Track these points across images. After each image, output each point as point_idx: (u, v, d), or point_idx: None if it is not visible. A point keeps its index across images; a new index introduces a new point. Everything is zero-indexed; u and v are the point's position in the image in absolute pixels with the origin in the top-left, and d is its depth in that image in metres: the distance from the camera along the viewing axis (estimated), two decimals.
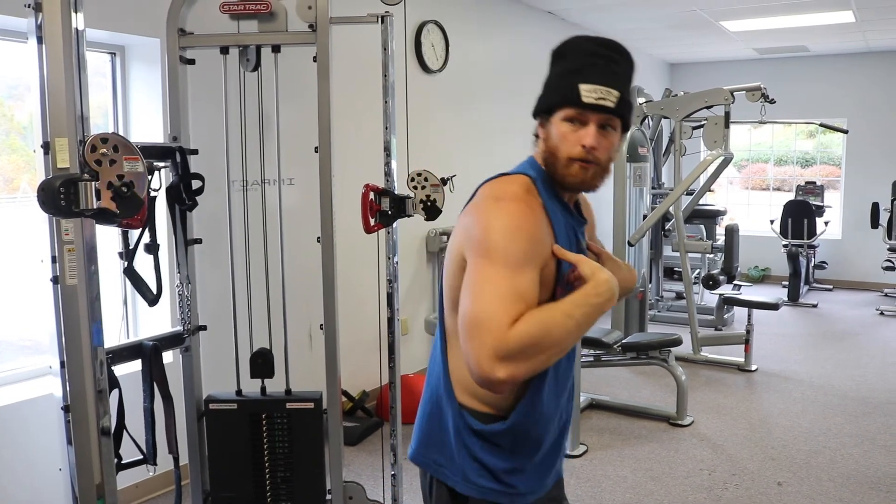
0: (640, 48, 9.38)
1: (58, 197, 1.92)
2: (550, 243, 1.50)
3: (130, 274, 2.57)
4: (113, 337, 2.61)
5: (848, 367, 6.07)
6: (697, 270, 7.92)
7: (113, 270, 3.00)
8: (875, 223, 8.44)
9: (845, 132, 8.83)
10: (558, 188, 1.58)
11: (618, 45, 1.57)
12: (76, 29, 2.13)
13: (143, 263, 2.62)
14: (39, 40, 2.15)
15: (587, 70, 1.50)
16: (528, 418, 1.57)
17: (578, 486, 3.84)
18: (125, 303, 3.71)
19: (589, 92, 1.48)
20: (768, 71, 9.70)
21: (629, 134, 1.69)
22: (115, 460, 2.39)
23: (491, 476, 1.58)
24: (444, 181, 2.95)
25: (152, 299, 2.68)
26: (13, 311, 3.67)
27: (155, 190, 2.59)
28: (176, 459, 2.76)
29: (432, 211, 2.94)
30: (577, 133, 1.50)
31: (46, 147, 2.12)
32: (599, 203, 7.73)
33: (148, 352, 2.66)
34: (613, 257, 1.76)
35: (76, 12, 2.12)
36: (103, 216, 2.02)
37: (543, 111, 1.56)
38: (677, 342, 4.87)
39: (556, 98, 1.53)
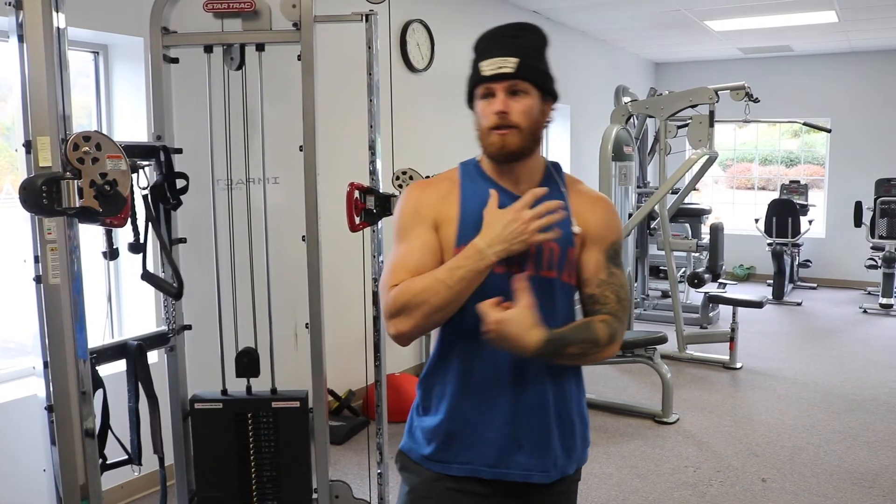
0: (625, 47, 9.43)
1: (40, 196, 1.91)
2: (445, 210, 1.65)
3: (149, 278, 2.57)
4: (97, 337, 2.59)
5: (831, 364, 6.11)
6: (683, 269, 7.96)
7: (96, 270, 2.99)
8: (858, 222, 8.52)
9: (828, 131, 8.91)
10: (494, 164, 1.68)
11: (523, 24, 1.66)
12: (57, 28, 2.11)
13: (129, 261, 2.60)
14: (20, 39, 2.13)
15: (488, 50, 1.62)
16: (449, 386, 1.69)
17: None
18: (109, 302, 3.69)
19: (487, 65, 1.59)
20: (753, 70, 9.77)
21: (556, 102, 1.60)
22: (100, 461, 2.38)
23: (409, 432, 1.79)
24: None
25: (176, 293, 2.69)
26: None
27: (143, 188, 2.58)
28: (161, 459, 2.75)
29: None
30: (489, 105, 1.59)
31: (28, 146, 2.10)
32: None
33: (133, 351, 2.65)
34: (524, 309, 1.52)
35: (57, 11, 2.11)
36: (86, 215, 2.01)
37: (468, 102, 1.68)
38: (663, 340, 4.89)
39: (469, 84, 1.65)
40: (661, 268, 8.44)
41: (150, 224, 2.64)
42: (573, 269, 1.67)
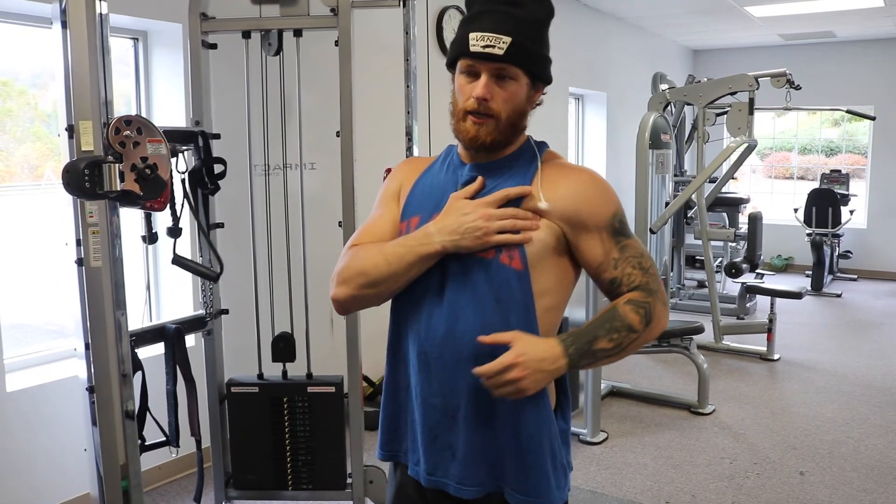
0: (663, 34, 9.29)
1: (82, 179, 1.93)
2: (407, 186, 1.57)
3: (179, 261, 2.59)
4: (136, 320, 2.62)
5: (872, 357, 6.00)
6: (720, 259, 7.85)
7: (136, 253, 3.03)
8: None
9: (873, 119, 8.69)
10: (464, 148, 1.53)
11: None
12: (100, 13, 2.14)
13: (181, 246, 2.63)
14: (64, 25, 2.16)
15: (481, 17, 1.41)
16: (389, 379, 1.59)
17: (598, 473, 3.84)
18: (148, 286, 3.74)
19: (476, 40, 1.39)
20: (794, 57, 9.57)
21: (546, 87, 1.47)
22: (139, 442, 2.42)
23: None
24: None
25: (216, 276, 2.71)
26: (39, 297, 3.71)
27: (181, 173, 2.60)
28: (198, 442, 2.78)
29: None
30: (471, 84, 1.43)
31: (71, 130, 2.13)
32: (621, 190, 7.69)
33: (171, 335, 2.68)
34: (517, 337, 1.38)
35: (100, 0, 2.13)
36: (127, 198, 2.03)
37: (449, 65, 1.51)
38: (699, 330, 4.83)
39: (453, 50, 1.47)
40: (698, 257, 8.34)
41: (186, 208, 2.66)
42: (518, 252, 1.41)
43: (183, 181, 2.66)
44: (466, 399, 1.45)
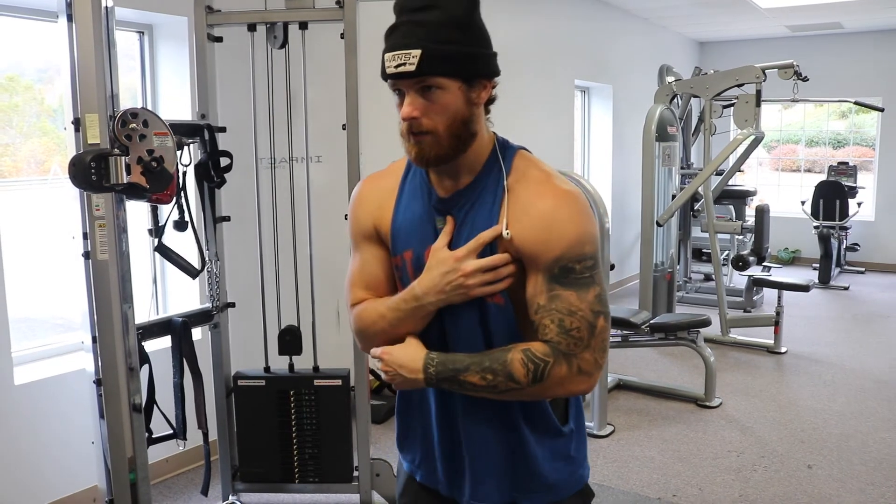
0: (669, 26, 9.25)
1: (89, 172, 1.93)
2: (383, 215, 1.50)
3: (162, 250, 2.59)
4: (143, 313, 2.63)
5: (880, 350, 5.97)
6: (726, 251, 7.83)
7: (143, 247, 3.03)
8: None
9: (881, 110, 8.64)
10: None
11: None
12: (105, 7, 2.14)
13: (176, 239, 2.63)
14: (70, 18, 2.16)
15: (392, 34, 1.34)
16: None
17: (605, 466, 3.83)
18: (155, 279, 3.74)
19: (389, 61, 1.32)
20: (801, 49, 9.51)
21: (496, 80, 1.39)
22: (146, 434, 2.42)
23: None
24: None
25: (195, 272, 2.71)
26: (45, 291, 3.72)
27: (185, 165, 2.60)
28: (205, 434, 2.79)
29: None
30: (400, 106, 1.36)
31: (77, 124, 2.14)
32: (628, 183, 7.66)
33: (178, 328, 2.69)
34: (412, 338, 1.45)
35: None
36: (133, 191, 2.03)
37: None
38: (706, 323, 4.82)
39: (381, 74, 1.38)
40: (705, 250, 8.32)
41: (181, 199, 2.66)
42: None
43: (184, 174, 2.65)
44: (466, 419, 1.49)
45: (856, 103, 8.17)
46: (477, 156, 1.41)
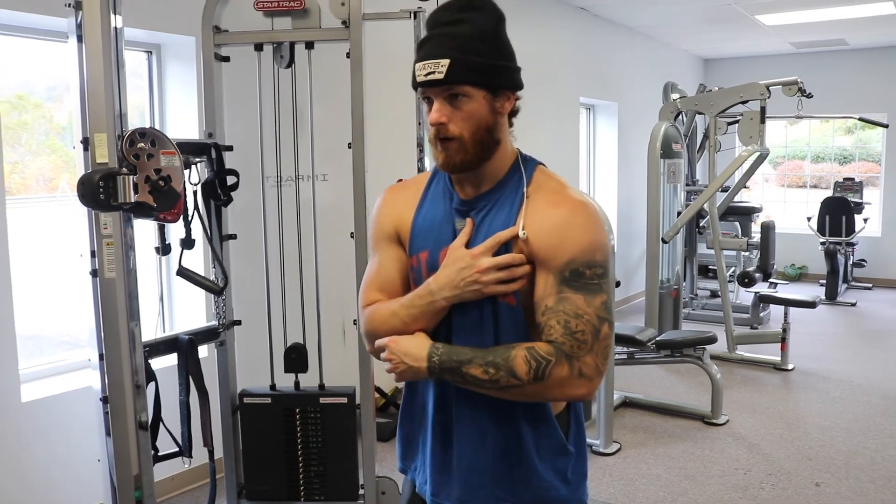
0: (673, 43, 9.29)
1: (97, 190, 1.95)
2: (404, 218, 1.56)
3: (183, 273, 2.60)
4: (150, 331, 2.64)
5: (888, 366, 5.95)
6: (732, 268, 7.82)
7: (150, 265, 3.05)
8: None
9: (885, 126, 8.64)
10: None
11: (464, 3, 1.43)
12: (115, 28, 2.16)
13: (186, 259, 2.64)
14: (79, 39, 2.19)
15: (424, 45, 1.43)
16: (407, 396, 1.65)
17: (611, 485, 3.82)
18: (161, 298, 3.76)
19: (420, 69, 1.41)
20: (805, 65, 9.54)
21: (518, 93, 1.47)
22: (152, 452, 2.42)
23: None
24: None
25: (219, 290, 2.72)
26: (53, 309, 3.74)
27: (194, 185, 2.62)
28: (211, 452, 2.79)
29: None
30: (429, 113, 1.44)
31: (86, 143, 2.16)
32: (633, 200, 7.67)
33: (184, 346, 2.69)
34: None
35: (114, 12, 2.16)
36: (141, 210, 2.05)
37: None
38: (712, 340, 4.81)
39: (412, 83, 1.48)
40: (711, 267, 8.30)
41: (196, 219, 2.67)
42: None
43: (195, 193, 2.67)
44: (464, 421, 1.51)
45: (860, 119, 8.18)
46: (499, 165, 1.49)
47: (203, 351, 3.00)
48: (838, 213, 8.57)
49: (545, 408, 1.50)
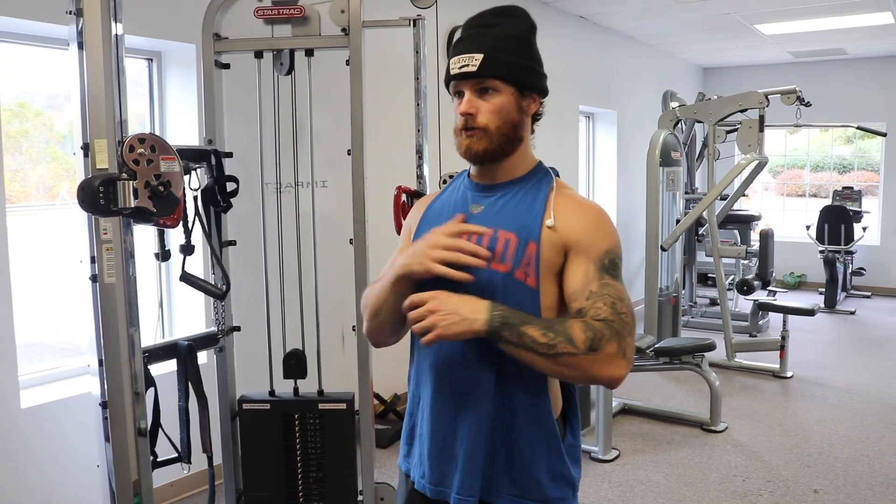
0: (673, 52, 9.33)
1: (97, 196, 1.96)
2: (419, 215, 1.67)
3: (186, 278, 2.61)
4: (149, 336, 2.64)
5: (887, 374, 5.95)
6: (731, 276, 7.83)
7: (149, 271, 3.05)
8: None
9: (884, 135, 8.67)
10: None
11: (503, 9, 1.54)
12: (115, 35, 2.18)
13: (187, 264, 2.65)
14: (80, 46, 2.21)
15: (459, 43, 1.52)
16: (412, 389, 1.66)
17: (610, 491, 3.82)
18: (161, 302, 3.77)
19: (454, 63, 1.50)
20: (804, 74, 9.57)
21: (544, 97, 1.59)
22: (151, 458, 2.43)
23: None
24: None
25: (222, 294, 2.74)
26: (52, 316, 3.74)
27: (194, 190, 2.63)
28: (210, 458, 2.79)
29: None
30: (458, 104, 1.52)
31: (86, 149, 2.17)
32: (632, 208, 7.68)
33: (183, 351, 2.70)
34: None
35: (115, 20, 2.17)
36: (141, 215, 2.06)
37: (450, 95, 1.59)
38: (711, 347, 4.81)
39: (445, 78, 1.56)
40: (710, 275, 8.33)
41: (198, 225, 2.68)
42: (533, 269, 1.45)
43: (195, 199, 2.68)
44: (470, 408, 1.50)
45: (859, 128, 8.20)
46: (519, 163, 1.57)
47: (202, 357, 3.00)
48: (837, 222, 8.59)
49: (545, 405, 1.51)
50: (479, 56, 1.47)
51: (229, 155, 2.93)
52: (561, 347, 1.35)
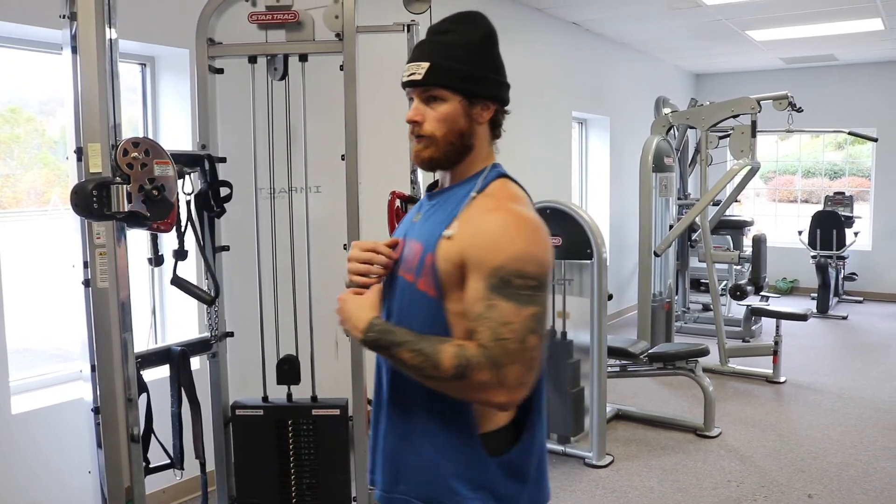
0: (666, 59, 9.36)
1: (90, 200, 1.95)
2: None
3: (177, 282, 2.60)
4: (142, 342, 2.63)
5: (879, 379, 5.96)
6: (724, 281, 7.85)
7: (142, 276, 3.04)
8: None
9: (875, 140, 8.72)
10: None
11: (461, 15, 1.53)
12: (109, 39, 2.17)
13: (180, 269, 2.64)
14: (74, 50, 2.20)
15: (413, 51, 1.54)
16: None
17: (604, 497, 3.81)
18: (154, 309, 3.75)
19: (405, 71, 1.51)
20: (796, 80, 9.62)
21: (499, 105, 1.55)
22: (143, 464, 2.41)
23: None
24: None
25: (210, 300, 2.73)
26: (44, 322, 3.72)
27: (188, 194, 2.62)
28: (203, 464, 2.78)
29: None
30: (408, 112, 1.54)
31: (79, 153, 2.16)
32: (625, 213, 7.69)
33: (176, 357, 2.69)
34: (372, 291, 1.54)
35: (109, 24, 2.17)
36: (134, 219, 2.05)
37: None
38: (704, 352, 4.82)
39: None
40: (703, 280, 8.33)
41: (189, 229, 2.67)
42: (432, 279, 1.43)
43: (188, 203, 2.68)
44: (387, 409, 1.57)
45: (850, 133, 8.25)
46: (469, 169, 1.54)
47: (195, 362, 2.98)
48: (829, 227, 8.62)
49: (467, 415, 1.46)
50: (426, 65, 1.47)
51: (223, 160, 2.93)
52: (429, 371, 1.37)
